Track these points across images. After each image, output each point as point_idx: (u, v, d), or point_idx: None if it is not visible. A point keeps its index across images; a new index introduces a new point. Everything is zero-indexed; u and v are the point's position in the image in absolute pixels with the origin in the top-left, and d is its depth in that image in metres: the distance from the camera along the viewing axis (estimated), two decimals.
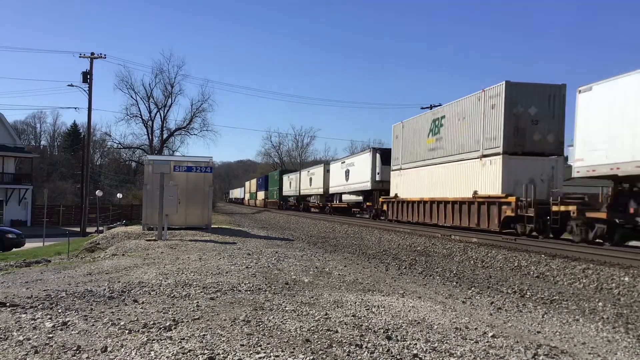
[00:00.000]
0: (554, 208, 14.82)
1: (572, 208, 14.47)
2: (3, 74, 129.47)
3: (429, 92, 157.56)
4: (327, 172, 37.81)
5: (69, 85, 65.49)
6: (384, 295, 7.13)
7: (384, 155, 27.75)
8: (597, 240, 13.80)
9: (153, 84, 69.89)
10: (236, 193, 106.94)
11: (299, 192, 46.44)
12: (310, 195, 43.64)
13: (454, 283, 9.82)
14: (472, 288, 9.20)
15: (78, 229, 39.06)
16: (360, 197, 30.98)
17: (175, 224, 17.40)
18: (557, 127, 16.96)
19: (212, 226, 18.97)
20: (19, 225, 41.39)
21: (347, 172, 32.64)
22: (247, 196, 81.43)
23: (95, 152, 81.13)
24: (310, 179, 42.38)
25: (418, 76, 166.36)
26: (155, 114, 64.24)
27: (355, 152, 41.79)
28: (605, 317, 7.18)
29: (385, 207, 26.78)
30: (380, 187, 27.69)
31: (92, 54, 40.49)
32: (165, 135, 64.65)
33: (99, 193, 47.11)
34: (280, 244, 15.27)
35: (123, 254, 11.70)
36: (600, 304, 8.03)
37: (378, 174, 27.92)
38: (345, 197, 34.14)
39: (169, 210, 14.93)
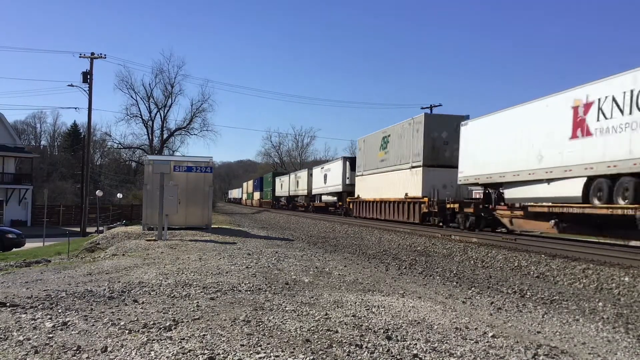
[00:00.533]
0: (448, 205, 20.25)
1: (455, 205, 19.87)
2: (3, 74, 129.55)
3: (429, 92, 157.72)
4: (310, 175, 42.88)
5: (69, 85, 65.62)
6: (384, 295, 7.13)
7: (352, 163, 32.70)
8: (470, 226, 19.02)
9: (153, 84, 69.86)
10: (235, 193, 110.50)
11: (289, 193, 51.41)
12: (297, 196, 48.45)
13: (454, 283, 9.82)
14: (472, 288, 9.20)
15: (78, 229, 39.05)
16: (335, 198, 36.24)
17: (175, 224, 17.40)
18: None
19: (212, 226, 18.97)
20: (19, 225, 41.38)
21: (325, 177, 37.84)
22: (245, 196, 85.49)
23: (95, 152, 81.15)
24: (297, 182, 47.30)
25: (418, 76, 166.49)
26: (155, 114, 64.29)
27: (332, 160, 48.49)
28: (605, 317, 7.18)
29: (351, 206, 31.99)
30: (349, 189, 32.64)
31: (92, 54, 40.49)
32: (165, 135, 64.69)
33: (99, 193, 47.11)
34: (280, 244, 15.27)
35: (123, 254, 11.70)
36: (600, 304, 8.03)
37: (347, 178, 33.04)
38: (324, 198, 39.64)
39: (169, 210, 14.93)
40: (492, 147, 17.56)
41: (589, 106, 13.16)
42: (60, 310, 5.35)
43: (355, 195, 30.82)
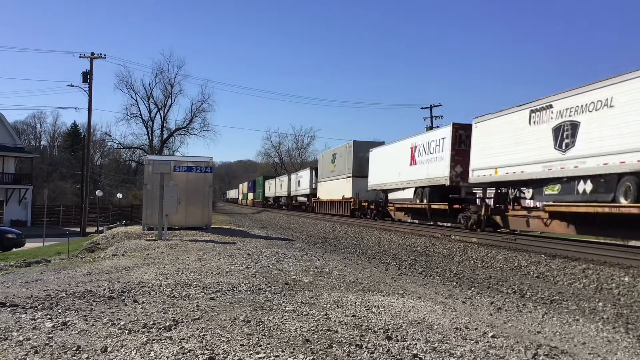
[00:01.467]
0: (363, 204, 29.76)
1: (365, 203, 29.37)
2: (3, 74, 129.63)
3: (430, 92, 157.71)
4: (289, 180, 52.26)
5: (69, 86, 65.65)
6: (384, 295, 7.13)
7: (316, 171, 41.50)
8: (374, 217, 28.16)
9: (153, 84, 69.65)
10: (232, 194, 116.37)
11: (275, 194, 60.33)
12: (281, 197, 57.07)
13: (454, 283, 9.81)
14: (472, 288, 9.20)
15: (78, 229, 39.09)
16: (305, 198, 46.82)
17: (175, 224, 17.39)
18: None
19: (212, 226, 18.97)
20: (19, 225, 41.39)
21: (298, 182, 48.32)
22: (241, 196, 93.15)
23: (95, 152, 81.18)
24: (281, 185, 56.18)
25: (418, 76, 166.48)
26: (155, 114, 64.29)
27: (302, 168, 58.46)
28: (605, 317, 7.18)
29: (314, 204, 41.51)
30: (314, 192, 41.50)
31: (92, 54, 40.52)
32: (165, 135, 64.68)
33: (99, 193, 47.10)
34: (280, 244, 15.27)
35: (123, 254, 11.69)
36: (600, 304, 8.03)
37: (314, 183, 41.98)
38: (299, 199, 49.99)
39: (169, 210, 14.93)
40: (382, 167, 27.44)
41: (416, 148, 23.39)
42: (60, 310, 5.35)
43: (317, 197, 40.29)
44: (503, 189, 17.95)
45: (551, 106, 14.65)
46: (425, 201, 22.32)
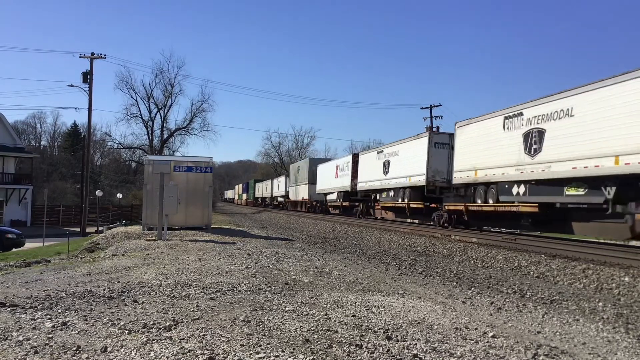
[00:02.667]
0: (312, 203, 41.44)
1: (314, 202, 40.96)
2: (3, 74, 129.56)
3: (430, 92, 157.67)
4: (272, 184, 63.37)
5: (69, 86, 65.64)
6: (384, 296, 7.13)
7: (288, 177, 53.47)
8: (315, 211, 40.18)
9: (153, 84, 69.96)
10: (229, 194, 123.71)
11: (262, 195, 70.73)
12: (266, 197, 67.35)
13: (454, 283, 9.81)
14: (472, 288, 9.20)
15: (78, 229, 39.05)
16: (283, 199, 56.18)
17: (175, 224, 17.39)
18: None
19: (212, 226, 18.95)
20: (19, 225, 41.36)
21: (278, 186, 59.22)
22: (236, 196, 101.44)
23: (95, 152, 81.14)
24: (266, 187, 67.15)
25: (418, 76, 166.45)
26: (155, 114, 64.29)
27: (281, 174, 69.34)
28: (605, 317, 7.18)
29: (288, 204, 52.35)
30: (288, 194, 52.23)
31: (92, 54, 40.49)
32: (165, 136, 64.67)
33: (99, 193, 47.07)
34: (280, 244, 15.26)
35: (123, 254, 11.69)
36: (600, 304, 8.03)
37: (288, 187, 52.32)
38: (278, 199, 59.60)
39: (169, 210, 14.91)
40: (323, 177, 38.42)
41: (338, 167, 34.87)
42: (60, 311, 5.34)
43: (289, 197, 51.42)
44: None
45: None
46: (340, 201, 35.09)
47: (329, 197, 37.57)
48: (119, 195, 60.69)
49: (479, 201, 18.43)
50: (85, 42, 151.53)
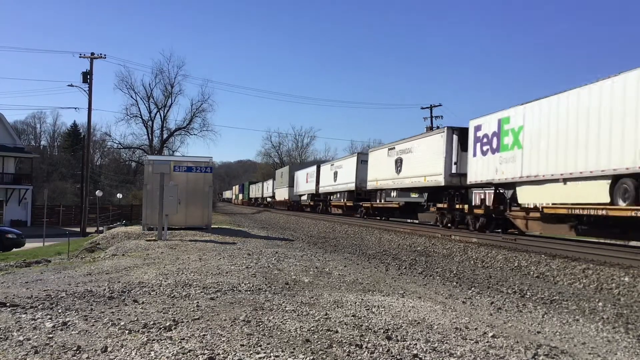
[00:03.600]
0: (292, 202, 50.15)
1: (293, 202, 49.82)
2: (3, 74, 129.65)
3: (430, 92, 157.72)
4: (262, 186, 71.37)
5: (69, 86, 65.65)
6: (384, 296, 7.13)
7: (275, 181, 61.00)
8: (295, 209, 47.80)
9: (153, 84, 69.89)
10: (227, 194, 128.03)
11: (255, 195, 78.41)
12: (258, 197, 75.54)
13: (454, 283, 9.82)
14: (472, 288, 9.20)
15: (78, 229, 39.07)
16: (271, 199, 63.40)
17: (175, 224, 17.39)
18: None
19: (212, 226, 18.96)
20: (19, 226, 41.37)
21: (267, 187, 66.98)
22: (234, 197, 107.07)
23: (95, 152, 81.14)
24: (258, 188, 75.20)
25: (418, 76, 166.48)
26: (155, 114, 64.40)
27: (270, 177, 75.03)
28: (605, 317, 7.18)
29: (274, 203, 59.98)
30: (273, 195, 60.72)
31: (92, 54, 40.51)
32: (165, 136, 64.79)
33: (99, 193, 47.08)
34: (280, 244, 15.26)
35: (123, 254, 11.69)
36: (600, 304, 8.04)
37: (274, 189, 60.33)
38: (267, 199, 67.18)
39: (169, 210, 14.91)
40: (299, 182, 46.49)
41: (308, 174, 43.80)
42: (60, 311, 5.35)
43: (275, 198, 59.38)
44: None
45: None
46: (309, 201, 44.05)
47: (302, 198, 46.83)
48: (119, 195, 60.72)
49: (377, 201, 29.47)
50: (85, 42, 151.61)
